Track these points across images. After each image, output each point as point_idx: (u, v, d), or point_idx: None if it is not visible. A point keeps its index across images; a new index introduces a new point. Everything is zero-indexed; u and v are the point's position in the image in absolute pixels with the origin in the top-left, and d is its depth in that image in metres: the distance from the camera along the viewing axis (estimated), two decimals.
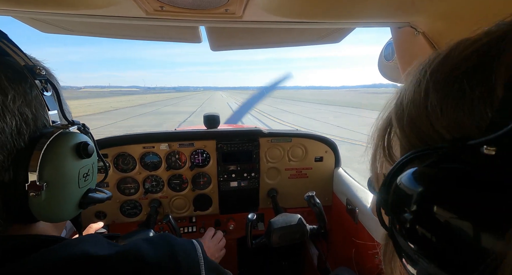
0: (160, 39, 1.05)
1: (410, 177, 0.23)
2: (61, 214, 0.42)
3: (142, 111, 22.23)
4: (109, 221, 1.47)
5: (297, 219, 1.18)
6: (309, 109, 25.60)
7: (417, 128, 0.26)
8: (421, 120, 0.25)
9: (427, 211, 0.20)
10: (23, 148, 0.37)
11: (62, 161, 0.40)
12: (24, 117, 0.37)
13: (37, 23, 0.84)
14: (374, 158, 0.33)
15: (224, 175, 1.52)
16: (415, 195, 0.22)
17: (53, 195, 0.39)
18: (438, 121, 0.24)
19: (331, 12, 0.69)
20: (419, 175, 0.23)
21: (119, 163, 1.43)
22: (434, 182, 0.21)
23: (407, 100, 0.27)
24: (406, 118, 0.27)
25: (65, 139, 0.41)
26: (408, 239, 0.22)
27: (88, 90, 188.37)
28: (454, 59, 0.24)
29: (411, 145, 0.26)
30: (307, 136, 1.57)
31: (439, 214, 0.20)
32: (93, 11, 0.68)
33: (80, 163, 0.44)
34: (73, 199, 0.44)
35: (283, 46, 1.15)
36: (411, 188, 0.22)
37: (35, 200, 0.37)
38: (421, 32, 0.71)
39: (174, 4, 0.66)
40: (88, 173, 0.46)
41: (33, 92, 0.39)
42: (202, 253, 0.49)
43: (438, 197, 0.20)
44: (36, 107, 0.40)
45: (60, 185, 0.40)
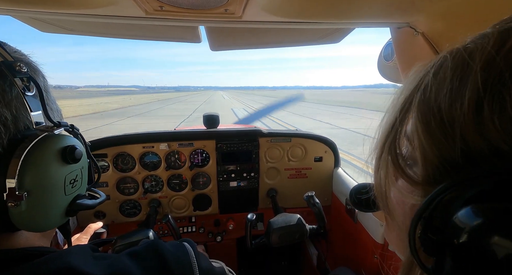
0: (159, 39, 1.05)
1: (474, 217, 0.18)
2: (45, 223, 0.39)
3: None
4: (108, 221, 1.47)
5: (296, 219, 1.18)
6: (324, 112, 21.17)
7: (457, 137, 0.20)
8: (468, 128, 0.20)
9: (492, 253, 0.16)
10: (1, 153, 0.34)
11: (45, 167, 0.37)
12: (3, 119, 0.34)
13: (37, 23, 0.84)
14: (378, 166, 0.29)
15: (223, 175, 1.52)
16: (482, 238, 0.17)
17: (35, 204, 0.36)
18: (496, 132, 0.18)
19: (330, 12, 0.69)
20: (488, 215, 0.17)
21: (118, 163, 1.43)
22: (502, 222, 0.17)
23: (446, 98, 0.22)
24: (439, 122, 0.21)
25: (49, 142, 0.38)
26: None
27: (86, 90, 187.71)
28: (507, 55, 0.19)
29: (442, 158, 0.21)
30: (306, 136, 1.57)
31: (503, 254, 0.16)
32: (92, 10, 0.68)
33: (67, 168, 0.40)
34: (59, 207, 0.40)
35: (283, 46, 1.15)
36: (476, 229, 0.18)
37: (15, 210, 0.34)
38: (420, 33, 0.72)
39: (174, 4, 0.66)
40: (76, 178, 0.43)
41: (13, 91, 0.36)
42: (195, 256, 0.47)
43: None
44: (17, 107, 0.36)
45: (43, 193, 0.37)
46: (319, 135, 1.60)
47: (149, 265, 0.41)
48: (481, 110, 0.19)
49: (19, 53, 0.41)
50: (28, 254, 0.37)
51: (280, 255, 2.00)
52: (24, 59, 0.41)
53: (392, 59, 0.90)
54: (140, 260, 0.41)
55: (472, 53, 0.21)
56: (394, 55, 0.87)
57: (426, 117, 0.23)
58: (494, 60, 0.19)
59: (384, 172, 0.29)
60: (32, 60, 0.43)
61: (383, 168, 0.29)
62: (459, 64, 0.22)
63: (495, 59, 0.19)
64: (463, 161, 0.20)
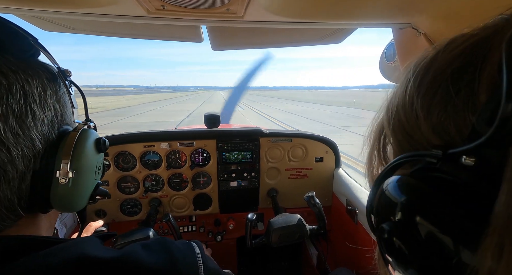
0: (161, 38, 1.05)
1: (394, 184, 0.23)
2: (76, 203, 0.45)
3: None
4: (109, 220, 1.47)
5: (296, 219, 1.18)
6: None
7: (406, 131, 0.25)
8: (409, 123, 0.25)
9: (405, 221, 0.20)
10: (55, 139, 0.41)
11: (87, 152, 0.44)
12: (56, 112, 0.42)
13: (39, 21, 0.84)
14: (370, 161, 0.33)
15: (224, 174, 1.52)
16: (396, 204, 0.21)
17: (78, 183, 0.43)
18: (423, 126, 0.23)
19: (332, 13, 0.69)
20: (401, 183, 0.22)
21: (119, 162, 1.43)
22: (413, 191, 0.21)
23: (396, 103, 0.27)
24: (395, 122, 0.26)
25: (88, 133, 0.45)
26: (388, 247, 0.22)
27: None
28: (442, 60, 0.23)
29: (402, 149, 0.26)
30: (307, 136, 1.57)
31: (417, 224, 0.19)
32: (95, 9, 0.68)
33: (98, 156, 0.48)
34: (89, 189, 0.48)
35: (284, 46, 1.15)
36: (393, 195, 0.22)
37: (62, 187, 0.40)
38: (422, 33, 0.71)
39: (176, 3, 0.66)
40: (100, 167, 0.51)
41: (62, 91, 0.44)
42: (202, 257, 0.48)
43: (417, 207, 0.20)
44: (63, 104, 0.44)
45: (84, 174, 0.44)
46: (320, 135, 1.60)
47: (158, 257, 0.43)
48: (416, 112, 0.24)
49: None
50: (37, 242, 0.39)
51: (280, 255, 2.00)
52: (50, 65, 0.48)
53: (394, 59, 0.90)
54: (150, 251, 0.43)
55: (412, 69, 0.26)
56: (396, 55, 0.87)
57: (389, 117, 0.27)
58: (423, 76, 0.24)
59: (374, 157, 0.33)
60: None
61: (373, 154, 0.33)
62: (405, 77, 0.26)
63: (424, 75, 0.24)
64: (412, 149, 0.25)
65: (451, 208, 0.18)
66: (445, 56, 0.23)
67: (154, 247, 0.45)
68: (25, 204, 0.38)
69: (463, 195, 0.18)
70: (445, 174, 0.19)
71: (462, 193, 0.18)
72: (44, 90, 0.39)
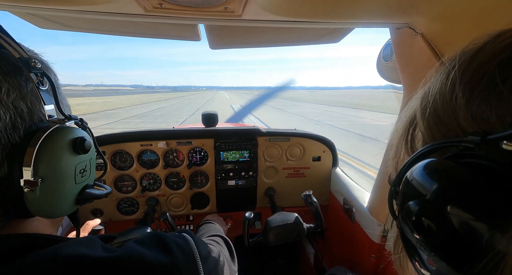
0: (158, 36, 1.04)
1: (421, 168, 0.22)
2: (57, 210, 0.42)
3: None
4: (105, 219, 1.47)
5: (294, 218, 1.18)
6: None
7: (440, 120, 0.25)
8: (445, 112, 0.24)
9: (433, 205, 0.20)
10: (18, 142, 0.36)
11: (58, 156, 0.40)
12: (19, 111, 0.37)
13: (34, 19, 0.83)
14: (395, 152, 0.33)
15: (221, 173, 1.52)
16: (423, 188, 0.21)
17: (49, 191, 0.39)
18: (462, 114, 0.22)
19: (330, 12, 0.69)
20: (432, 167, 0.22)
21: (116, 161, 1.42)
22: (444, 175, 0.20)
23: (434, 91, 0.26)
24: (430, 108, 0.26)
25: (61, 133, 0.40)
26: (413, 230, 0.21)
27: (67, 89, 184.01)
28: (490, 50, 0.23)
29: (433, 138, 0.25)
30: (305, 136, 1.57)
31: (445, 209, 0.19)
32: (91, 7, 0.67)
33: (77, 158, 0.43)
34: (70, 195, 0.43)
35: (282, 45, 1.15)
36: (420, 180, 0.22)
37: (30, 196, 0.37)
38: (420, 33, 0.72)
39: (173, 2, 0.66)
40: (85, 168, 0.45)
41: (29, 85, 0.39)
42: (195, 243, 0.50)
43: (446, 191, 0.19)
44: (32, 101, 0.39)
45: (55, 180, 0.40)
46: (318, 135, 1.60)
47: (156, 250, 0.43)
48: (455, 99, 0.23)
49: (32, 52, 0.43)
50: (40, 241, 0.39)
51: (277, 254, 2.01)
52: (37, 57, 0.43)
53: (391, 59, 0.91)
54: (146, 246, 0.44)
55: (458, 56, 0.26)
56: (393, 55, 0.88)
57: (424, 106, 0.27)
58: (469, 64, 0.24)
59: (401, 150, 0.32)
60: (44, 59, 0.45)
61: (400, 148, 0.32)
62: (449, 64, 0.26)
63: (469, 63, 0.24)
64: (444, 138, 0.24)
65: (489, 192, 0.18)
66: (494, 46, 0.22)
67: (149, 242, 0.45)
68: (1, 211, 0.36)
69: (502, 179, 0.17)
70: (482, 159, 0.19)
71: (500, 177, 0.18)
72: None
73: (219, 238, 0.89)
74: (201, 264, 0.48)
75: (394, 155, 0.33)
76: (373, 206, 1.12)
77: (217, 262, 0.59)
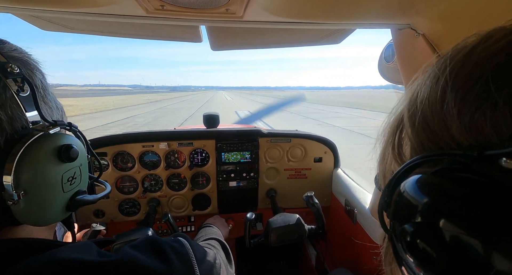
0: (160, 38, 1.05)
1: (415, 184, 0.21)
2: (45, 218, 0.40)
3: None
4: (107, 220, 1.47)
5: (295, 219, 1.18)
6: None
7: (430, 129, 0.23)
8: (435, 121, 0.23)
9: (430, 225, 0.19)
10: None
11: (41, 166, 0.37)
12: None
13: (38, 21, 0.84)
14: (383, 156, 0.31)
15: (223, 174, 1.52)
16: (419, 205, 0.20)
17: (33, 202, 0.37)
18: (454, 124, 0.21)
19: (331, 13, 0.69)
20: (426, 182, 0.21)
21: (118, 162, 1.43)
22: (441, 192, 0.19)
23: (422, 97, 0.24)
24: (419, 117, 0.24)
25: (44, 141, 0.38)
26: (408, 251, 0.20)
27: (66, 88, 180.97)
28: (482, 52, 0.21)
29: (422, 147, 0.24)
30: (306, 137, 1.57)
31: (443, 228, 0.18)
32: (93, 9, 0.68)
33: (63, 167, 0.41)
34: (58, 204, 0.41)
35: (283, 46, 1.15)
36: (415, 196, 0.21)
37: (15, 208, 0.35)
38: (421, 34, 0.72)
39: (175, 3, 0.66)
40: (75, 176, 0.43)
41: (7, 92, 0.36)
42: (190, 246, 0.51)
43: (444, 209, 0.18)
44: (12, 108, 0.36)
45: (39, 191, 0.38)
46: (319, 136, 1.60)
47: (152, 255, 0.43)
48: (447, 108, 0.22)
49: (18, 51, 0.41)
50: (34, 245, 0.38)
51: (278, 255, 2.00)
52: (21, 58, 0.41)
53: (393, 60, 0.90)
54: (141, 251, 0.43)
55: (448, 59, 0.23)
56: (395, 56, 0.87)
57: (412, 113, 0.25)
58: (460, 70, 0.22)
59: (387, 155, 0.31)
60: (31, 58, 0.43)
61: (386, 153, 0.31)
62: (438, 68, 0.24)
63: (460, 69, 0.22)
64: (435, 148, 0.23)
65: (488, 210, 0.17)
66: (486, 49, 0.21)
67: (144, 247, 0.45)
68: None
69: (502, 198, 0.16)
70: (479, 175, 0.18)
71: (500, 196, 0.17)
72: None
73: (215, 241, 0.89)
74: (197, 267, 0.48)
75: (381, 158, 0.32)
76: (375, 207, 1.11)
77: (213, 265, 0.59)
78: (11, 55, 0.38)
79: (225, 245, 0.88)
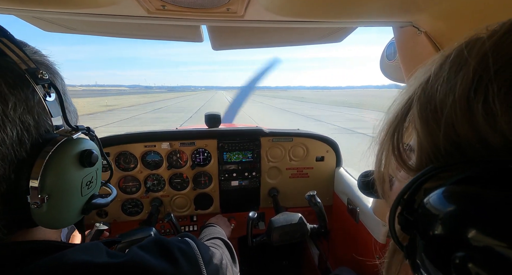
0: (161, 38, 1.05)
1: (456, 195, 0.18)
2: (63, 222, 0.41)
3: None
4: (110, 220, 1.48)
5: (297, 218, 1.18)
6: None
7: (448, 126, 0.20)
8: (457, 117, 0.20)
9: (484, 245, 0.16)
10: (25, 157, 0.35)
11: (65, 171, 0.38)
12: (26, 125, 0.35)
13: (40, 22, 0.84)
14: (380, 154, 0.29)
15: (225, 174, 1.52)
16: (467, 223, 0.17)
17: (55, 205, 0.38)
18: (485, 123, 0.18)
19: (332, 12, 0.69)
20: (473, 194, 0.17)
21: (120, 162, 1.43)
22: (493, 208, 0.16)
23: (442, 89, 0.21)
24: (434, 111, 0.21)
25: (68, 147, 0.39)
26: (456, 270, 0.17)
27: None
28: None
29: (434, 146, 0.21)
30: (308, 136, 1.57)
31: (501, 250, 0.15)
32: (95, 10, 0.68)
33: (84, 171, 0.42)
34: (76, 207, 0.43)
35: (285, 45, 1.15)
36: (457, 212, 0.17)
37: (37, 211, 0.36)
38: (423, 32, 0.71)
39: (176, 3, 0.66)
40: (92, 180, 0.44)
41: (36, 97, 0.37)
42: (197, 247, 0.51)
43: (498, 228, 0.15)
44: (39, 113, 0.37)
45: (62, 195, 0.39)
46: (321, 135, 1.60)
47: (160, 256, 0.44)
48: (471, 102, 0.19)
49: (38, 54, 0.41)
50: (47, 247, 0.39)
51: (281, 255, 2.00)
52: (44, 62, 0.41)
53: (395, 58, 0.90)
54: (149, 252, 0.44)
55: (472, 49, 0.21)
56: (396, 54, 0.87)
57: (423, 107, 0.23)
58: (487, 56, 0.19)
59: (385, 157, 0.29)
60: (51, 61, 0.43)
61: (384, 154, 0.29)
62: (458, 58, 0.22)
63: (487, 55, 0.19)
64: (453, 149, 0.20)
65: None
66: None
67: (151, 247, 0.45)
68: (5, 223, 0.36)
69: None
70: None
71: None
72: (3, 102, 0.32)
73: (220, 240, 0.90)
74: (204, 268, 0.48)
75: (379, 155, 0.30)
76: (377, 206, 1.11)
77: (219, 265, 0.60)
78: (35, 60, 0.38)
79: (229, 244, 0.89)
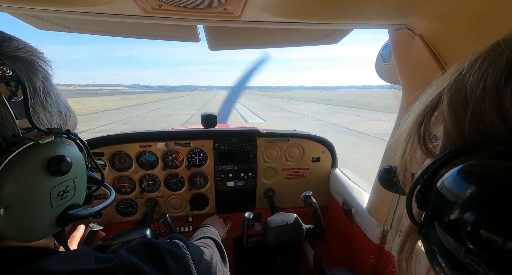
0: (157, 37, 1.04)
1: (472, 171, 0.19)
2: (31, 235, 0.37)
3: None
4: (104, 220, 1.46)
5: (293, 219, 1.18)
6: None
7: (476, 113, 0.21)
8: (485, 104, 0.20)
9: (498, 215, 0.17)
10: None
11: (25, 180, 0.34)
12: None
13: (33, 20, 0.83)
14: (406, 142, 0.30)
15: (221, 174, 1.52)
16: (480, 195, 0.18)
17: (16, 218, 0.34)
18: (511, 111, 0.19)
19: (329, 13, 0.70)
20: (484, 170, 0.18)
21: (115, 162, 1.42)
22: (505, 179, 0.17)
23: (473, 78, 0.22)
24: (463, 99, 0.22)
25: (32, 153, 0.34)
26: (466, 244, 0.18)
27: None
28: None
29: (460, 133, 0.22)
30: (304, 136, 1.57)
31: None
32: (90, 8, 0.67)
33: (53, 181, 0.37)
34: (44, 220, 0.38)
35: (281, 46, 1.15)
36: (472, 185, 0.18)
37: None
38: (418, 34, 0.72)
39: (172, 3, 0.66)
40: (67, 189, 0.40)
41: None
42: (187, 248, 0.51)
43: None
44: (3, 114, 0.33)
45: (23, 207, 0.34)
46: (317, 135, 1.61)
47: (149, 258, 0.43)
48: (501, 91, 0.20)
49: (23, 50, 0.37)
50: (31, 253, 0.38)
51: (276, 255, 2.00)
52: (25, 58, 0.37)
53: (390, 60, 0.91)
54: (138, 255, 0.43)
55: (508, 41, 0.21)
56: (392, 56, 0.88)
57: (454, 95, 0.24)
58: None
59: (410, 146, 0.30)
60: (40, 57, 0.39)
61: (409, 143, 0.30)
62: (493, 51, 0.22)
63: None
64: (478, 137, 0.21)
65: None
66: None
67: (141, 250, 0.44)
68: None
69: None
70: None
71: None
72: None
73: (210, 239, 0.89)
74: (194, 268, 0.48)
75: (401, 154, 0.30)
76: (372, 206, 1.12)
77: (209, 264, 0.60)
78: (13, 55, 0.35)
79: (220, 244, 0.88)
